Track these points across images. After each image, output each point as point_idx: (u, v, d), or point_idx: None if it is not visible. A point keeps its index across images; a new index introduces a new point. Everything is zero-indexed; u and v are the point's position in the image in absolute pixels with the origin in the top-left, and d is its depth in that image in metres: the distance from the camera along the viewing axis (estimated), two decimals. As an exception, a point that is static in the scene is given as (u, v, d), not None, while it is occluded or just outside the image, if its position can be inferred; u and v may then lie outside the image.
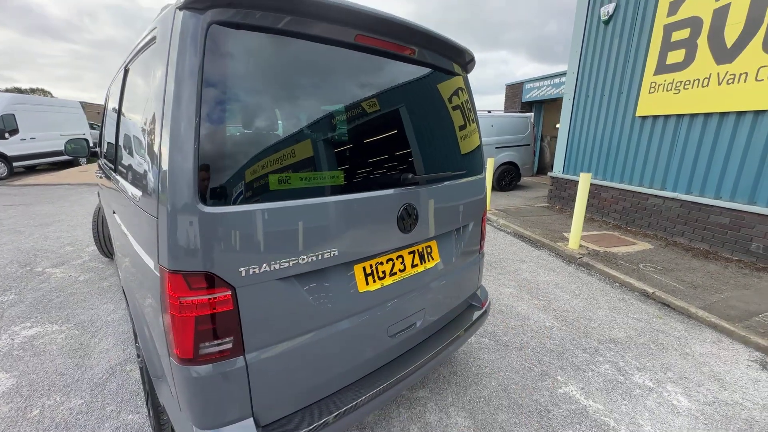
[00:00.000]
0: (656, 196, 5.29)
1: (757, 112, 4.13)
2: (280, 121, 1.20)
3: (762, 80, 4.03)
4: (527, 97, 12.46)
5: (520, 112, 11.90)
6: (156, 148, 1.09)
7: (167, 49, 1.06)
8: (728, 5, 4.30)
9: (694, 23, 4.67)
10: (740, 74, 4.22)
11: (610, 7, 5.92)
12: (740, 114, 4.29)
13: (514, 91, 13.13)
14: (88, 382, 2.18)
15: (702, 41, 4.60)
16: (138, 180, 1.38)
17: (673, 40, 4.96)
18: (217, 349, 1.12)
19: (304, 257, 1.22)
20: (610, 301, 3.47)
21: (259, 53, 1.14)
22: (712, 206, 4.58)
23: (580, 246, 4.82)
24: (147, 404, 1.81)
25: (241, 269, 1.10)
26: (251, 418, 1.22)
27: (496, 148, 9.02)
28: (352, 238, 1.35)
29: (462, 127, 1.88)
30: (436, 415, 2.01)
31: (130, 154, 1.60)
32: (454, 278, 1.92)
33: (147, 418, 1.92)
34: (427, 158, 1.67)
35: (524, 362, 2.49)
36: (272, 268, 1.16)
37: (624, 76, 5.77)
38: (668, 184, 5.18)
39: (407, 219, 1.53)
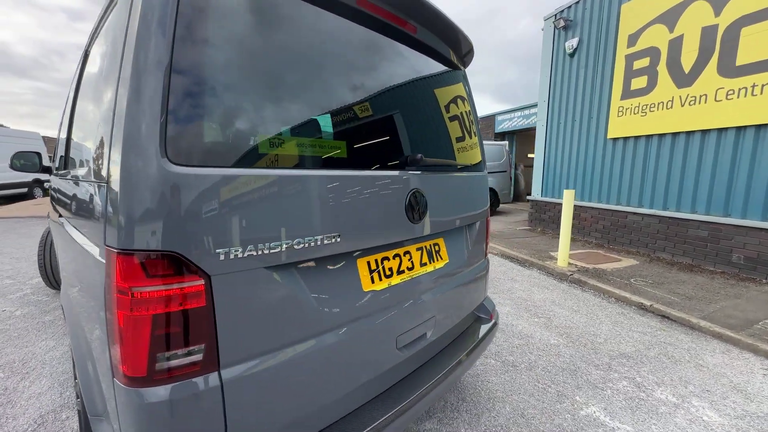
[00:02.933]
0: (635, 213, 5.41)
1: (720, 130, 4.38)
2: (272, 78, 1.00)
3: (721, 101, 4.32)
4: (500, 128, 13.05)
5: (495, 140, 12.38)
6: (111, 93, 0.86)
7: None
8: (682, 36, 4.70)
9: (653, 52, 5.06)
10: (700, 96, 4.52)
11: (573, 42, 6.38)
12: (705, 132, 4.54)
13: (486, 123, 13.75)
14: (7, 437, 1.70)
15: (662, 68, 4.96)
16: (86, 153, 1.12)
17: (635, 68, 5.33)
18: (182, 362, 0.82)
19: (300, 241, 0.98)
20: (610, 315, 3.33)
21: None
22: (690, 220, 4.70)
23: (569, 264, 4.75)
24: None
25: (220, 252, 0.84)
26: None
27: (475, 174, 9.17)
28: (357, 223, 1.13)
29: (460, 137, 1.77)
30: (450, 450, 1.69)
31: (82, 133, 1.34)
32: (464, 283, 1.71)
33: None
34: (430, 146, 1.51)
35: (537, 383, 2.24)
36: (260, 253, 0.90)
37: (593, 102, 6.10)
38: (645, 201, 5.33)
39: (415, 207, 1.33)
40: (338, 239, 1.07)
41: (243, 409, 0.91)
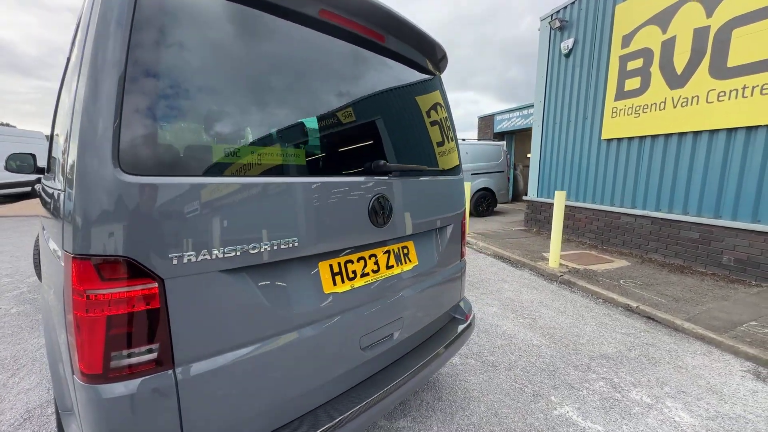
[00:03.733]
0: (628, 214, 5.41)
1: (712, 132, 4.38)
2: (228, 86, 1.04)
3: (712, 102, 4.31)
4: (498, 128, 13.04)
5: (493, 140, 12.37)
6: (70, 103, 0.91)
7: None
8: (674, 37, 4.70)
9: (646, 53, 5.05)
10: (692, 97, 4.52)
11: (569, 42, 6.38)
12: (696, 134, 4.54)
13: (485, 122, 13.74)
14: (-7, 431, 1.77)
15: (655, 69, 4.96)
16: (54, 160, 1.17)
17: (628, 69, 5.32)
18: (137, 360, 0.87)
19: (256, 246, 1.02)
20: (596, 316, 3.35)
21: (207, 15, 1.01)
22: (682, 222, 4.70)
23: (560, 264, 4.76)
24: None
25: (173, 256, 0.89)
26: (184, 456, 0.95)
27: (472, 174, 9.20)
28: (316, 229, 1.17)
29: (440, 141, 1.80)
30: (420, 447, 1.74)
31: (57, 136, 1.39)
32: (435, 285, 1.74)
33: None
34: (400, 151, 1.55)
35: (514, 383, 2.27)
36: (214, 257, 0.95)
37: (587, 103, 6.10)
38: (638, 202, 5.33)
39: (380, 212, 1.37)
40: (295, 243, 1.11)
41: (198, 406, 0.95)
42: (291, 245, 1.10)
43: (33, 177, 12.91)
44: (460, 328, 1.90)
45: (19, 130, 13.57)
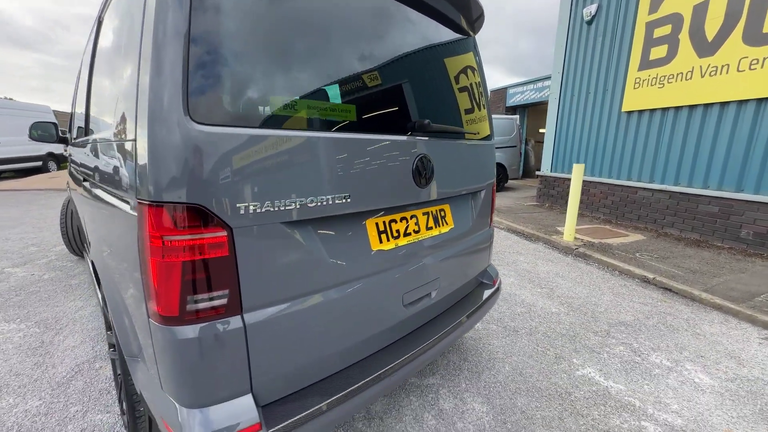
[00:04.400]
0: (645, 189, 5.35)
1: (740, 102, 4.24)
2: (284, 44, 1.03)
3: (743, 71, 4.15)
4: (511, 101, 12.71)
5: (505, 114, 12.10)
6: (135, 58, 0.91)
7: None
8: (707, 1, 4.45)
9: (676, 19, 4.82)
10: (722, 66, 4.34)
11: (592, 8, 6.08)
12: (724, 104, 4.40)
13: (497, 96, 13.39)
14: (48, 382, 1.88)
15: (683, 36, 4.74)
16: (110, 117, 1.18)
17: (655, 36, 5.10)
18: (209, 305, 0.91)
19: (314, 200, 1.04)
20: (613, 287, 3.40)
21: None
22: (701, 196, 4.64)
23: (575, 238, 4.78)
24: (119, 398, 1.56)
25: (240, 206, 0.91)
26: (250, 395, 1.01)
27: (484, 149, 9.05)
28: (366, 186, 1.18)
29: (469, 108, 1.77)
30: (451, 401, 1.83)
31: (104, 98, 1.40)
32: (468, 249, 1.77)
33: (119, 417, 1.65)
34: (441, 116, 1.53)
35: (536, 346, 2.35)
36: (276, 209, 0.97)
37: (609, 74, 5.90)
38: (656, 176, 5.25)
39: (422, 172, 1.37)
40: (348, 200, 1.13)
41: (262, 350, 1.01)
42: (344, 200, 1.12)
43: (44, 152, 13.00)
44: (490, 291, 1.95)
45: (24, 103, 13.48)
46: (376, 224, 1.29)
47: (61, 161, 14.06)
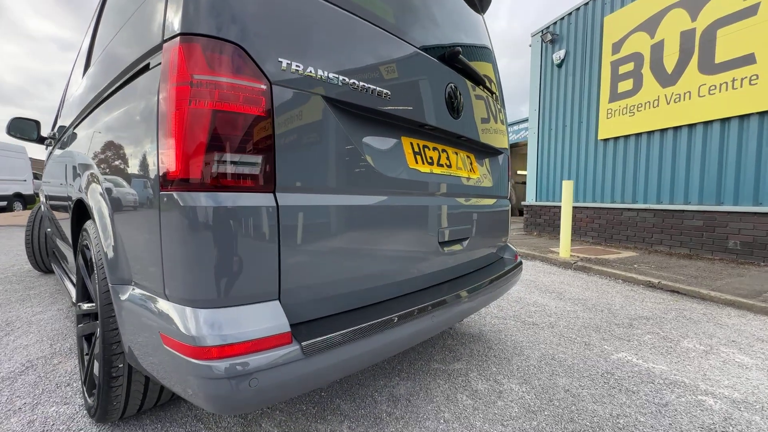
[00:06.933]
0: (630, 209, 5.52)
1: (706, 123, 4.61)
2: None
3: (704, 96, 4.58)
4: (489, 145, 13.43)
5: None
6: None
7: None
8: (662, 40, 5.05)
9: (637, 57, 5.40)
10: (684, 93, 4.79)
11: (560, 53, 6.78)
12: (691, 126, 4.78)
13: (476, 141, 14.15)
14: (-10, 379, 1.51)
15: (646, 71, 5.28)
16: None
17: (620, 72, 5.65)
18: (238, 171, 0.76)
19: (356, 83, 0.95)
20: (621, 291, 3.30)
21: None
22: (684, 211, 4.82)
23: (571, 255, 4.75)
24: (91, 350, 1.25)
25: (282, 61, 0.80)
26: (277, 301, 0.81)
27: (469, 184, 9.30)
28: (404, 92, 1.11)
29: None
30: (484, 383, 1.58)
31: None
32: (492, 209, 1.67)
33: (82, 393, 1.30)
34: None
35: (561, 336, 2.15)
36: (319, 77, 0.87)
37: (582, 107, 6.39)
38: (638, 197, 5.46)
39: (454, 101, 1.32)
40: (388, 97, 1.04)
41: (295, 248, 0.83)
42: (385, 97, 1.03)
43: (11, 192, 12.32)
44: (512, 264, 1.81)
45: (-1, 142, 13.03)
46: (411, 144, 1.19)
47: (28, 202, 13.32)
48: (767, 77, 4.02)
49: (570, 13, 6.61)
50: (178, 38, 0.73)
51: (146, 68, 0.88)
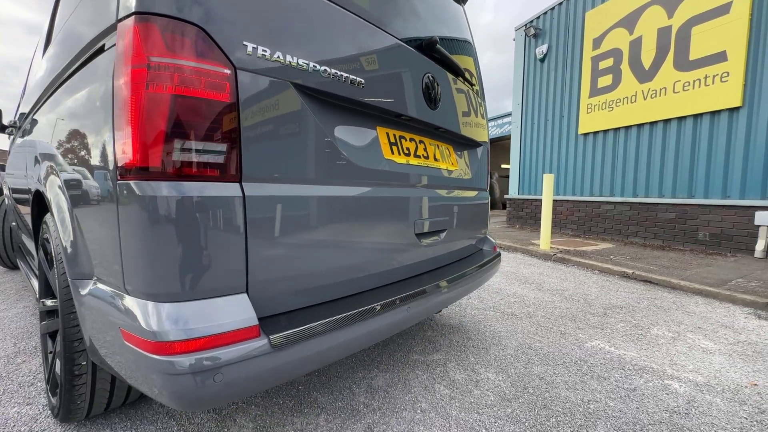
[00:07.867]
0: (608, 202, 5.68)
1: (680, 119, 4.76)
2: None
3: (678, 92, 4.72)
4: (474, 139, 13.54)
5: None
6: None
7: None
8: (641, 37, 5.16)
9: (616, 53, 5.50)
10: (660, 89, 4.92)
11: (543, 48, 6.84)
12: (666, 122, 4.92)
13: (461, 134, 14.24)
14: (-55, 380, 1.43)
15: (625, 67, 5.39)
16: None
17: (600, 68, 5.76)
18: (201, 159, 0.72)
19: (327, 70, 0.92)
20: (597, 282, 3.40)
21: None
22: (658, 204, 4.99)
23: (551, 247, 4.85)
24: (54, 348, 1.20)
25: (247, 44, 0.77)
26: (245, 294, 0.79)
27: (454, 177, 9.36)
28: (380, 82, 1.09)
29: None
30: (462, 373, 1.60)
31: None
32: (471, 202, 1.68)
33: (46, 381, 1.25)
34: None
35: (538, 326, 2.20)
36: (287, 63, 0.84)
37: (563, 102, 6.49)
38: (616, 190, 5.62)
39: (431, 91, 1.31)
40: (362, 87, 1.02)
41: (262, 239, 0.81)
42: (359, 86, 1.00)
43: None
44: (491, 255, 1.83)
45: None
46: (387, 134, 1.18)
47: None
48: (738, 75, 4.17)
49: (553, 8, 6.66)
50: (134, 17, 0.69)
51: (102, 50, 0.83)
